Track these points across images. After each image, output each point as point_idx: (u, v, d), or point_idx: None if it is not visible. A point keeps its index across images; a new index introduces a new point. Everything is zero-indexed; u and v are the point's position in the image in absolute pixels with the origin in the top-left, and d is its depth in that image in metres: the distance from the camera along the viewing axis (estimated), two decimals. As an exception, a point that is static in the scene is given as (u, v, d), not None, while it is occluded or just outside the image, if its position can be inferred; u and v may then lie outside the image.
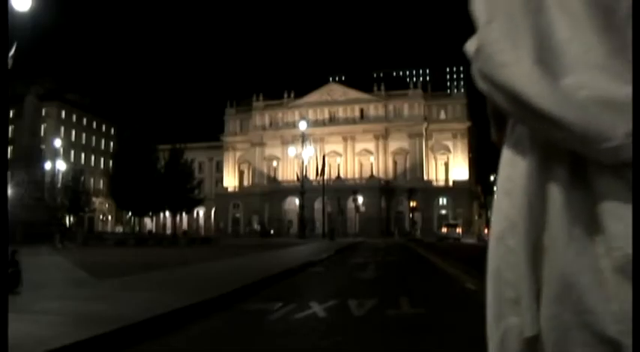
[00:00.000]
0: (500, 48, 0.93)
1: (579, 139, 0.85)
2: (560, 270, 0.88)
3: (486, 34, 0.96)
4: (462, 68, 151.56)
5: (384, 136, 66.45)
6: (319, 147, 64.61)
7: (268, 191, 70.18)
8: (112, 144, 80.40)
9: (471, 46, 0.96)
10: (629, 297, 0.82)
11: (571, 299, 0.86)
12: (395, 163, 66.96)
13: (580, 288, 0.86)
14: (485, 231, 47.32)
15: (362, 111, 70.67)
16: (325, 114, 72.29)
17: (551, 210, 0.91)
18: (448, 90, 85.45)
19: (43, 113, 55.33)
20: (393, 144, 66.15)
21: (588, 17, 0.93)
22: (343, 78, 77.30)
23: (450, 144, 68.47)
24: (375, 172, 65.99)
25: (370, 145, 68.24)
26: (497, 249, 0.98)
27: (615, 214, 0.85)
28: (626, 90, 0.87)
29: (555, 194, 0.91)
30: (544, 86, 0.90)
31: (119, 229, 73.14)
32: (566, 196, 0.90)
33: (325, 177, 45.50)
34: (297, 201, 52.66)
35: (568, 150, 0.88)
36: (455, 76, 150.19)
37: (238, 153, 77.47)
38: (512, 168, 0.97)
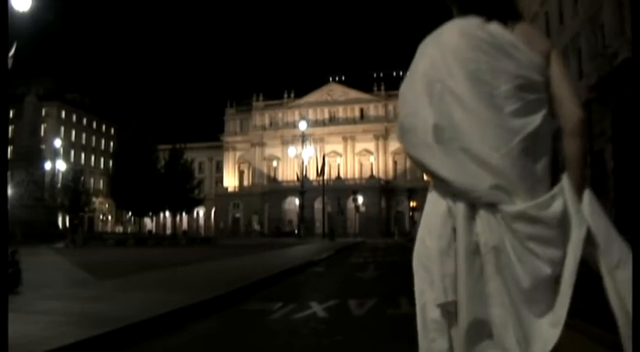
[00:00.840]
0: (410, 135, 1.56)
1: (460, 191, 1.47)
2: (462, 273, 1.46)
3: (402, 125, 1.59)
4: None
5: (384, 136, 66.43)
6: (319, 147, 64.61)
7: (268, 191, 70.14)
8: (112, 144, 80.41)
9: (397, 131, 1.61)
10: (498, 280, 1.43)
11: (469, 293, 1.44)
12: (395, 163, 66.93)
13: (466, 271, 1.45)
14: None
15: (362, 111, 70.65)
16: (325, 114, 72.25)
17: (454, 225, 1.49)
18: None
19: (43, 113, 55.41)
20: (393, 144, 66.13)
21: (473, 102, 1.48)
22: (343, 78, 77.19)
23: (450, 144, 68.39)
24: (375, 172, 65.98)
25: (370, 145, 68.25)
26: (419, 247, 1.56)
27: (489, 234, 1.44)
28: (494, 153, 1.44)
29: (456, 221, 1.49)
30: (437, 158, 1.49)
31: (119, 229, 73.15)
32: (463, 223, 1.47)
33: (325, 177, 45.48)
34: (297, 201, 52.67)
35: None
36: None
37: (238, 153, 77.43)
38: (430, 199, 1.57)
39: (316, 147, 60.45)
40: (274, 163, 72.46)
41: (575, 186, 1.51)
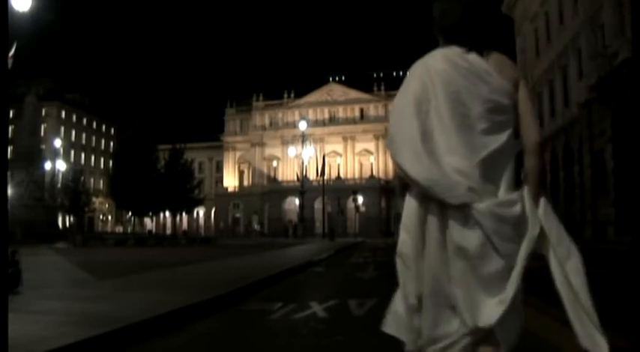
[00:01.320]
0: (397, 144, 1.89)
1: (439, 193, 1.78)
2: (431, 263, 1.84)
3: (392, 135, 1.92)
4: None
5: (384, 136, 66.35)
6: (319, 147, 64.59)
7: (268, 191, 70.10)
8: (112, 144, 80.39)
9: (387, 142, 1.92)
10: (461, 267, 1.80)
11: (436, 278, 1.84)
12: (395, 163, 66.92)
13: (439, 270, 1.85)
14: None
15: (362, 111, 70.62)
16: (325, 114, 72.22)
17: (427, 230, 1.86)
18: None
19: (43, 113, 55.39)
20: (393, 144, 66.03)
21: (451, 120, 1.81)
22: (343, 78, 77.15)
23: (450, 144, 68.40)
24: (375, 172, 65.97)
25: (370, 145, 68.23)
26: (401, 246, 1.94)
27: (458, 230, 1.80)
28: (465, 163, 1.78)
29: (430, 220, 1.85)
30: (420, 166, 1.81)
31: (119, 229, 73.12)
32: (435, 222, 1.83)
33: (325, 177, 45.46)
34: (297, 201, 52.64)
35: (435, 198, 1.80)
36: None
37: (238, 153, 77.40)
38: (408, 205, 1.92)
39: (316, 147, 60.44)
40: (274, 163, 72.44)
41: (533, 194, 1.86)
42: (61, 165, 48.03)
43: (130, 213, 54.33)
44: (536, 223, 1.83)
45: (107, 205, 72.69)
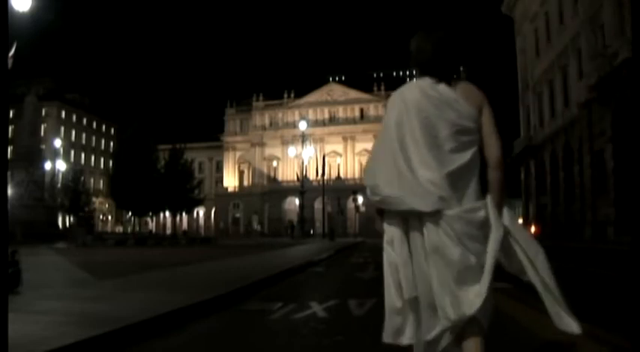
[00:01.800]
0: (373, 167, 2.30)
1: (412, 203, 2.12)
2: (420, 268, 2.18)
3: (374, 153, 2.36)
4: (461, 68, 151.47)
5: (384, 136, 66.35)
6: (319, 147, 64.58)
7: (268, 191, 70.10)
8: (112, 144, 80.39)
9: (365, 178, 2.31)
10: (439, 266, 2.11)
11: (425, 281, 2.16)
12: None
13: (422, 267, 2.19)
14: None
15: (362, 111, 70.63)
16: (325, 114, 72.22)
17: (411, 239, 2.22)
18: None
19: (43, 113, 55.40)
20: (393, 144, 66.04)
21: (423, 140, 2.15)
22: (343, 78, 77.29)
23: (450, 144, 68.41)
24: (375, 172, 65.87)
25: (370, 145, 67.16)
26: (387, 254, 2.33)
27: (438, 236, 2.10)
28: (435, 175, 2.10)
29: (412, 227, 2.20)
30: (392, 182, 2.17)
31: (119, 229, 73.12)
32: (417, 229, 2.18)
33: (325, 177, 45.45)
34: (297, 201, 52.65)
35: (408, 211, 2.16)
36: (455, 76, 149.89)
37: (238, 153, 77.38)
38: (389, 223, 2.29)
39: (316, 147, 60.43)
40: (274, 163, 72.43)
41: (495, 202, 2.19)
42: (61, 165, 48.02)
43: (130, 213, 54.33)
44: (500, 226, 2.15)
45: (107, 205, 72.70)
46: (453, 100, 2.21)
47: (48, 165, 36.96)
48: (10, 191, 24.53)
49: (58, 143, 49.35)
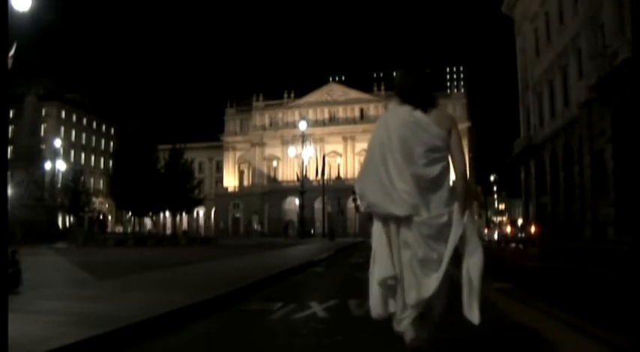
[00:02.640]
0: (362, 181, 2.88)
1: (390, 209, 2.71)
2: (399, 258, 2.76)
3: (361, 172, 2.92)
4: (461, 68, 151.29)
5: (384, 136, 66.33)
6: (319, 147, 64.58)
7: (268, 191, 70.10)
8: (112, 144, 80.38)
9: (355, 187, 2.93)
10: (409, 257, 2.71)
11: (398, 266, 2.76)
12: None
13: (404, 261, 2.74)
14: (486, 231, 47.20)
15: (362, 111, 70.63)
16: (325, 114, 72.22)
17: (389, 233, 2.78)
18: (448, 91, 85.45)
19: (43, 113, 55.38)
20: (393, 144, 65.97)
21: (401, 157, 2.70)
22: (343, 78, 77.30)
23: (450, 144, 68.38)
24: (375, 172, 65.87)
25: (370, 145, 68.15)
26: (379, 240, 2.79)
27: (408, 235, 2.70)
28: (409, 186, 2.68)
29: (391, 226, 2.77)
30: (377, 193, 2.76)
31: (119, 229, 73.10)
32: (394, 228, 2.76)
33: (325, 177, 45.45)
34: (297, 201, 52.65)
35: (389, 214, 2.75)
36: (455, 76, 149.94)
37: (238, 153, 77.38)
38: (376, 225, 2.82)
39: (316, 147, 60.43)
40: (274, 163, 72.44)
41: (460, 207, 2.70)
42: (61, 165, 48.01)
43: (130, 213, 54.32)
44: (460, 226, 2.66)
45: (107, 205, 72.67)
46: (426, 124, 2.73)
47: (48, 165, 36.94)
48: (10, 191, 24.52)
49: (58, 143, 49.35)
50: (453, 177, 2.83)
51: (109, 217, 78.49)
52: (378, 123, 2.93)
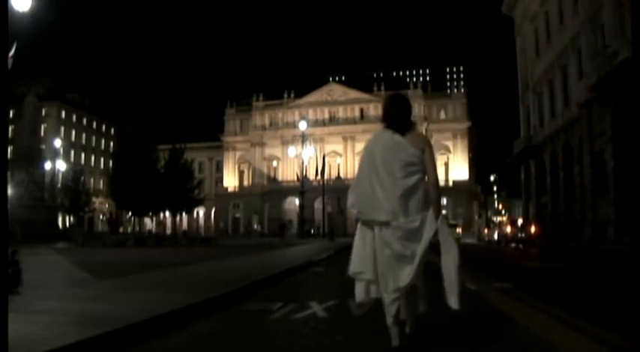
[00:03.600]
0: (355, 192, 3.50)
1: (372, 214, 3.38)
2: (379, 254, 3.37)
3: (356, 182, 3.56)
4: (461, 68, 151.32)
5: (384, 136, 66.28)
6: (319, 147, 64.58)
7: (268, 191, 70.10)
8: (112, 144, 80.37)
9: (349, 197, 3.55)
10: (387, 254, 3.32)
11: (382, 265, 3.35)
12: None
13: (385, 259, 3.33)
14: (486, 231, 47.18)
15: (362, 111, 70.65)
16: (325, 114, 72.23)
17: (372, 234, 3.41)
18: (448, 90, 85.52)
19: (43, 113, 55.38)
20: (393, 144, 65.95)
21: (383, 171, 3.37)
22: (343, 78, 77.32)
23: (449, 144, 68.49)
24: (375, 172, 65.86)
25: (370, 145, 68.12)
26: (358, 242, 3.56)
27: (387, 236, 3.30)
28: (389, 195, 3.31)
29: (375, 229, 3.38)
30: (363, 201, 3.45)
31: (120, 229, 73.02)
32: (377, 230, 3.37)
33: (325, 177, 45.44)
34: (297, 201, 52.64)
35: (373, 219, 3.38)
36: (455, 76, 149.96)
37: (238, 153, 77.39)
38: (360, 227, 3.54)
39: (316, 147, 60.42)
40: (274, 163, 72.44)
41: (435, 212, 3.29)
42: (61, 165, 48.02)
43: (130, 213, 54.33)
44: (432, 228, 3.22)
45: (107, 205, 72.66)
46: (403, 145, 3.34)
47: (48, 165, 36.94)
48: (10, 191, 24.52)
49: (58, 143, 49.34)
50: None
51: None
52: (366, 144, 3.59)
